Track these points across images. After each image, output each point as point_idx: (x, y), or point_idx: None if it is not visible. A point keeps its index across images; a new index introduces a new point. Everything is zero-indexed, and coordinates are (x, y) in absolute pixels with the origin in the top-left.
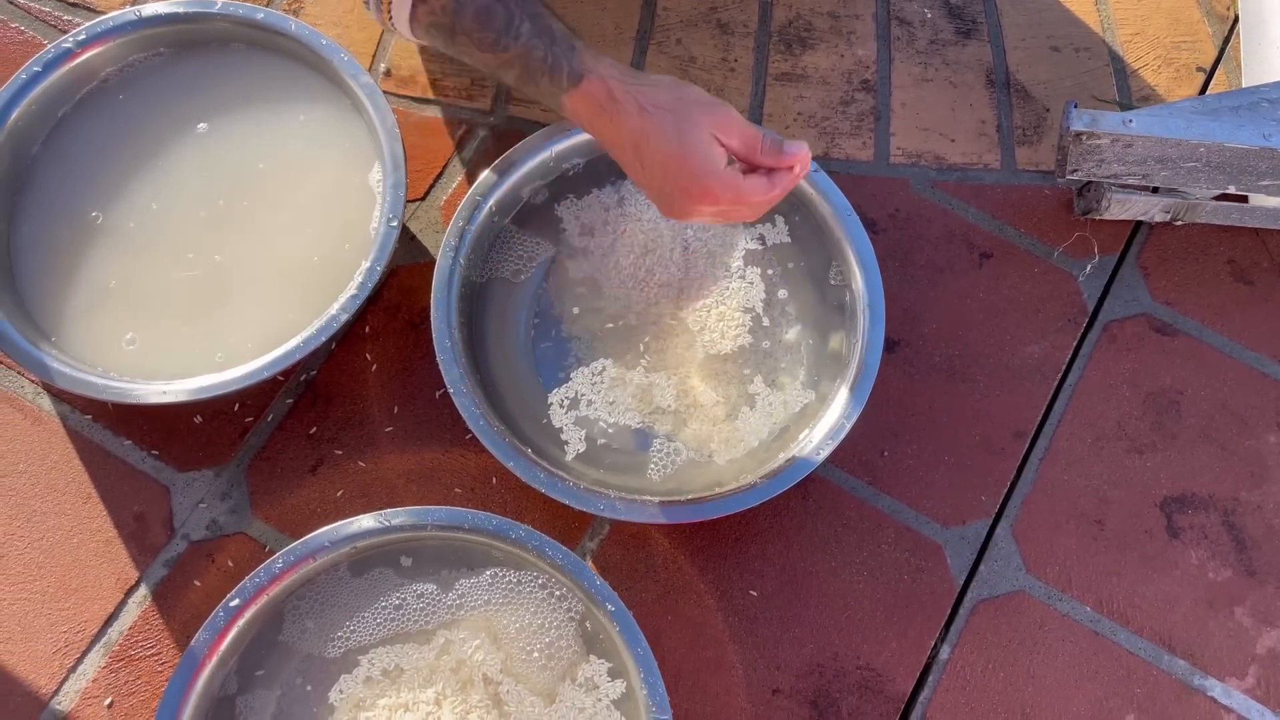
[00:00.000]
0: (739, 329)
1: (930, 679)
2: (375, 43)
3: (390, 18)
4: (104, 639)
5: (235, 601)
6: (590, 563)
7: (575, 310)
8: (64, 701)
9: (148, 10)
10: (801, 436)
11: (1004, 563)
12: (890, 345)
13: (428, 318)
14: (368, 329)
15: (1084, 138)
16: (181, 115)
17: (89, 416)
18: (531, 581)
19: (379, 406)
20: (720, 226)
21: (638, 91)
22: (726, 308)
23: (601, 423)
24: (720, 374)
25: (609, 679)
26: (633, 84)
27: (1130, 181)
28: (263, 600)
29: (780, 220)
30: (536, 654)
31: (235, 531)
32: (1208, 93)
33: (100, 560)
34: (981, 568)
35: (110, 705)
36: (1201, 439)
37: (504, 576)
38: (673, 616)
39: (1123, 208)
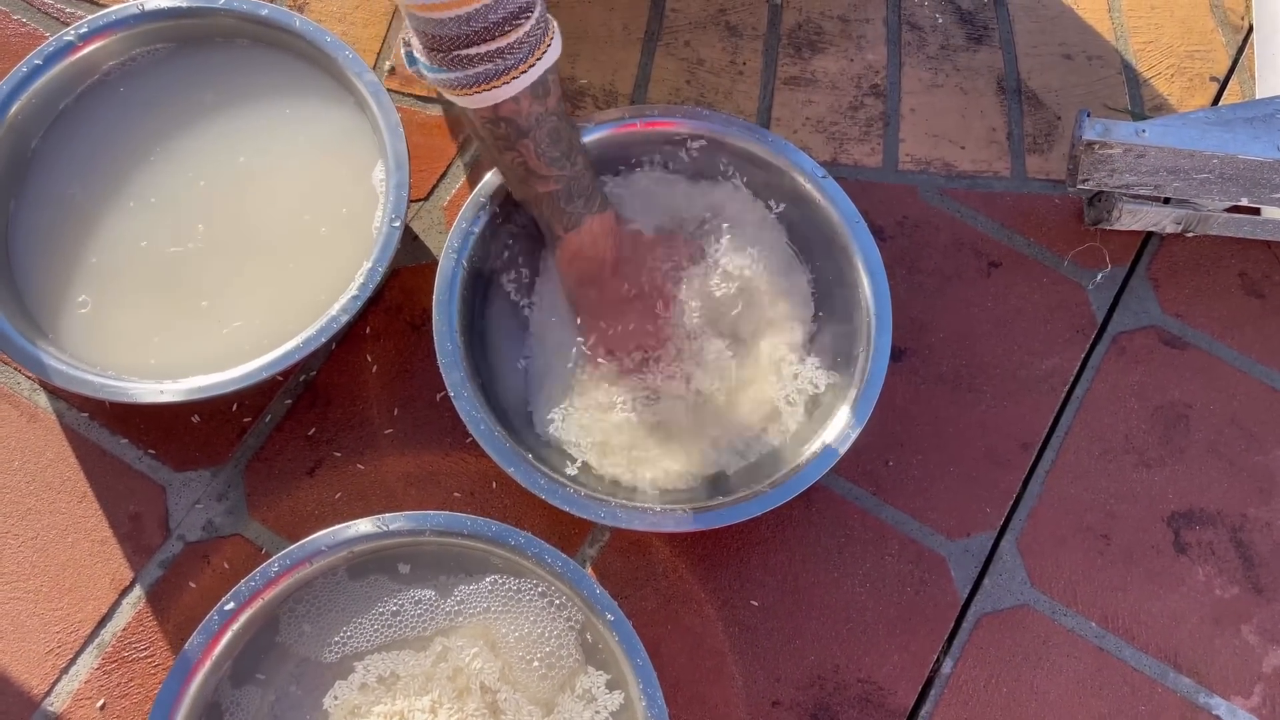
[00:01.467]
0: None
1: (932, 693)
2: (380, 40)
3: (476, 90)
4: (97, 640)
5: (230, 605)
6: (590, 570)
7: (578, 320)
8: (56, 702)
9: (151, 4)
10: (807, 445)
11: (1008, 576)
12: (897, 354)
13: (429, 319)
14: (368, 330)
15: (1096, 147)
16: (183, 111)
17: (85, 414)
18: (531, 589)
19: (379, 408)
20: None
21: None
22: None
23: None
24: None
25: (607, 690)
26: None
27: (1142, 192)
28: (258, 604)
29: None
30: (536, 663)
31: (231, 533)
32: (1221, 103)
33: (95, 560)
34: (985, 581)
35: (103, 707)
36: (1210, 454)
37: (503, 584)
38: (673, 626)
39: (1134, 218)
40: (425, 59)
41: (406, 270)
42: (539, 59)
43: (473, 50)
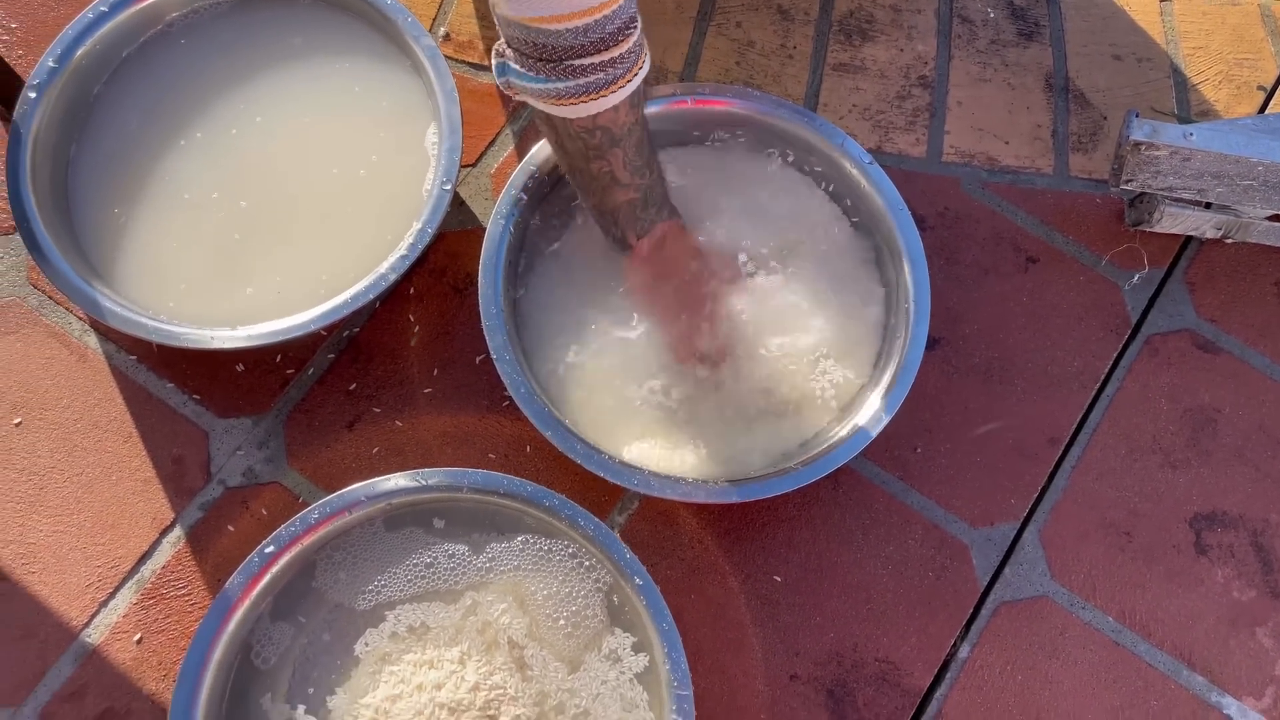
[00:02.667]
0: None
1: (948, 676)
2: (436, 6)
3: (583, 100)
4: (137, 576)
5: (270, 548)
6: (616, 534)
7: (620, 289)
8: (94, 634)
9: None
10: (839, 427)
11: (1029, 567)
12: (931, 343)
13: (472, 283)
14: (412, 290)
15: (1143, 148)
16: (242, 65)
17: (134, 357)
18: (562, 550)
19: (419, 367)
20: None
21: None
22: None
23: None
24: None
25: (633, 653)
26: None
27: (1184, 195)
28: (296, 549)
29: None
30: (563, 621)
31: (270, 480)
32: (1268, 112)
33: (138, 499)
34: (1006, 570)
35: (139, 641)
36: (1236, 458)
37: (535, 543)
38: (696, 595)
39: (1174, 221)
40: (530, 70)
41: (451, 234)
42: (640, 68)
43: (586, 60)
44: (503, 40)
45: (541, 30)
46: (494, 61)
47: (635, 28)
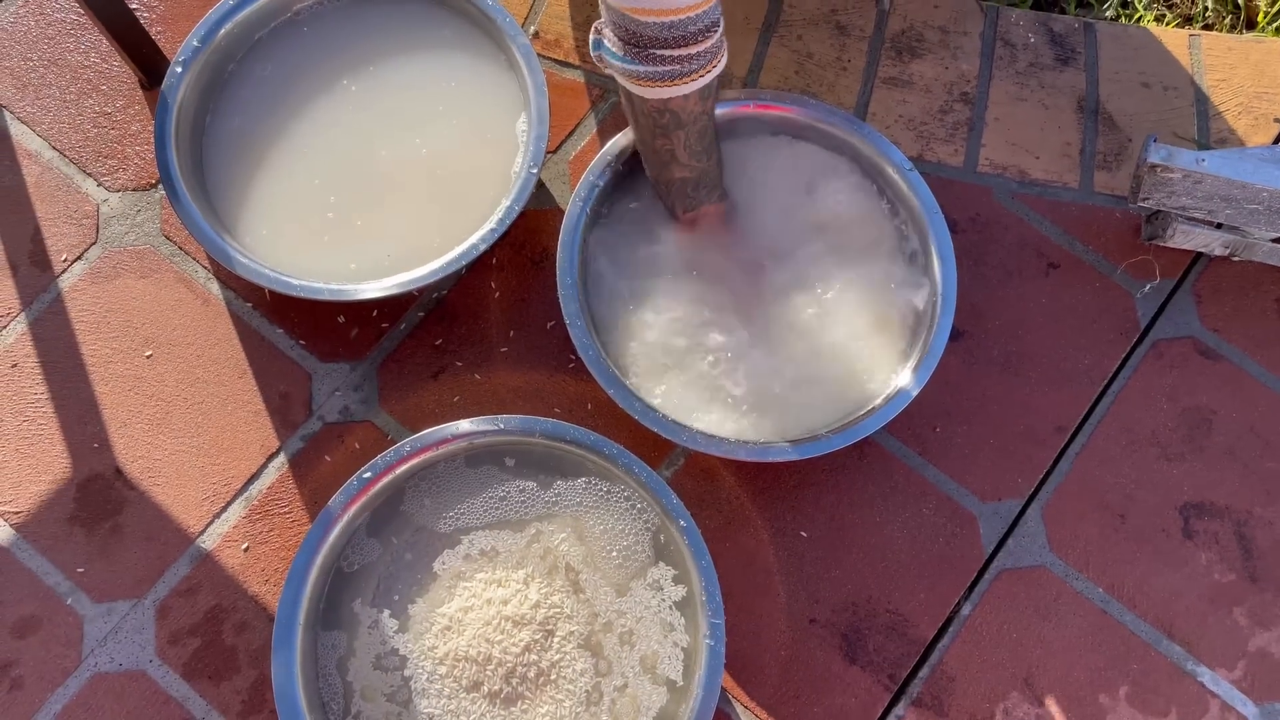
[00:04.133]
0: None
1: (950, 630)
2: (528, 7)
3: (659, 84)
4: (246, 494)
5: (368, 474)
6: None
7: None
8: (208, 541)
9: None
10: (866, 404)
11: (1030, 539)
12: (956, 334)
13: (549, 257)
14: (494, 261)
15: (1159, 170)
16: (359, 53)
17: (250, 304)
18: (619, 493)
19: (497, 329)
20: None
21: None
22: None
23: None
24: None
25: (673, 584)
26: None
27: (1196, 215)
28: (390, 477)
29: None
30: (615, 554)
31: (363, 419)
32: None
33: (249, 428)
34: (1009, 541)
35: (246, 550)
36: (1227, 456)
37: (596, 485)
38: (730, 544)
39: (1186, 238)
40: (618, 50)
41: (532, 212)
42: (714, 67)
43: (666, 52)
44: (603, 20)
45: (633, 19)
46: (591, 37)
47: (716, 32)
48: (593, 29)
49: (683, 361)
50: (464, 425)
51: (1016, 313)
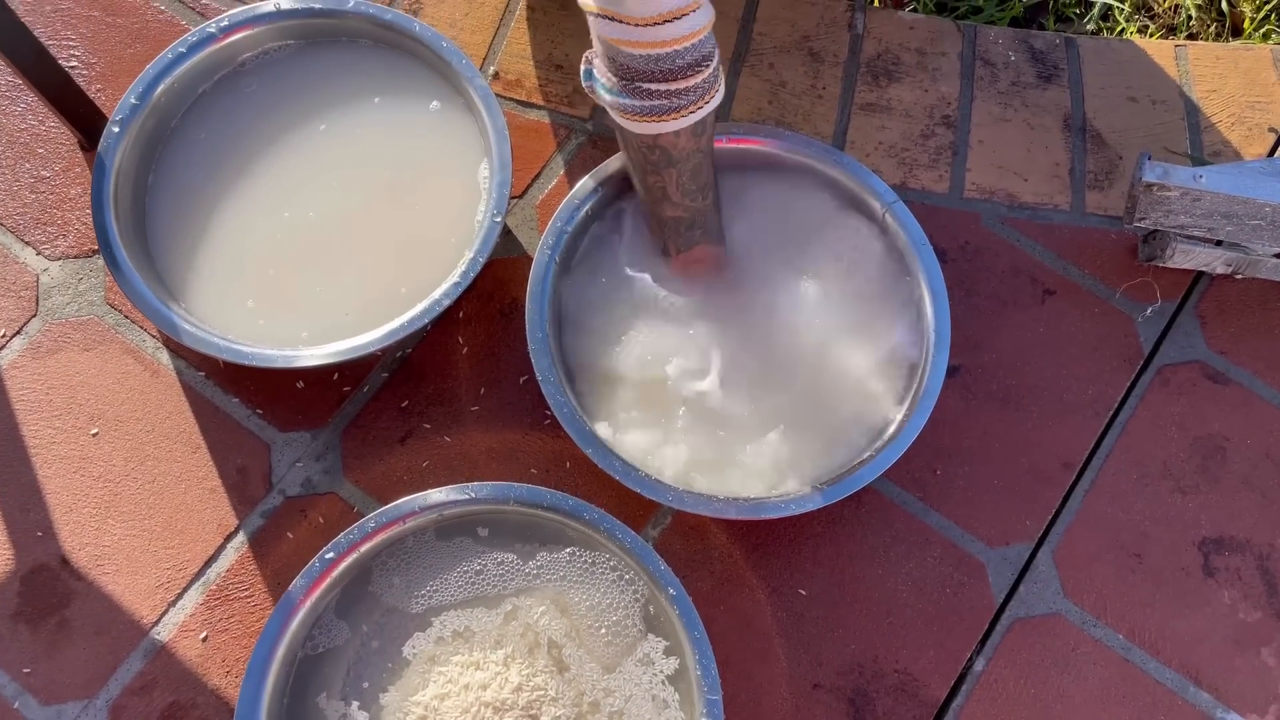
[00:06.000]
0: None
1: (964, 689)
2: (486, 46)
3: (645, 119)
4: (203, 578)
5: (330, 554)
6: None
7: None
8: (163, 632)
9: (286, 4)
10: (862, 449)
11: (1043, 585)
12: (951, 370)
13: (518, 307)
14: (461, 314)
15: (1155, 189)
16: (308, 102)
17: (202, 373)
18: (605, 563)
19: (467, 387)
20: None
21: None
22: None
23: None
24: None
25: (665, 656)
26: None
27: (1195, 233)
28: (354, 555)
29: None
30: (604, 630)
31: (327, 491)
32: (1278, 154)
33: (204, 506)
34: (1021, 588)
35: (205, 639)
36: (1243, 485)
37: (581, 556)
38: (725, 607)
39: (1186, 257)
40: (608, 81)
41: (499, 261)
42: (706, 103)
43: (654, 85)
44: (593, 49)
45: (621, 51)
46: (583, 66)
47: (707, 66)
48: (584, 58)
49: (664, 413)
50: (432, 496)
51: (1013, 344)
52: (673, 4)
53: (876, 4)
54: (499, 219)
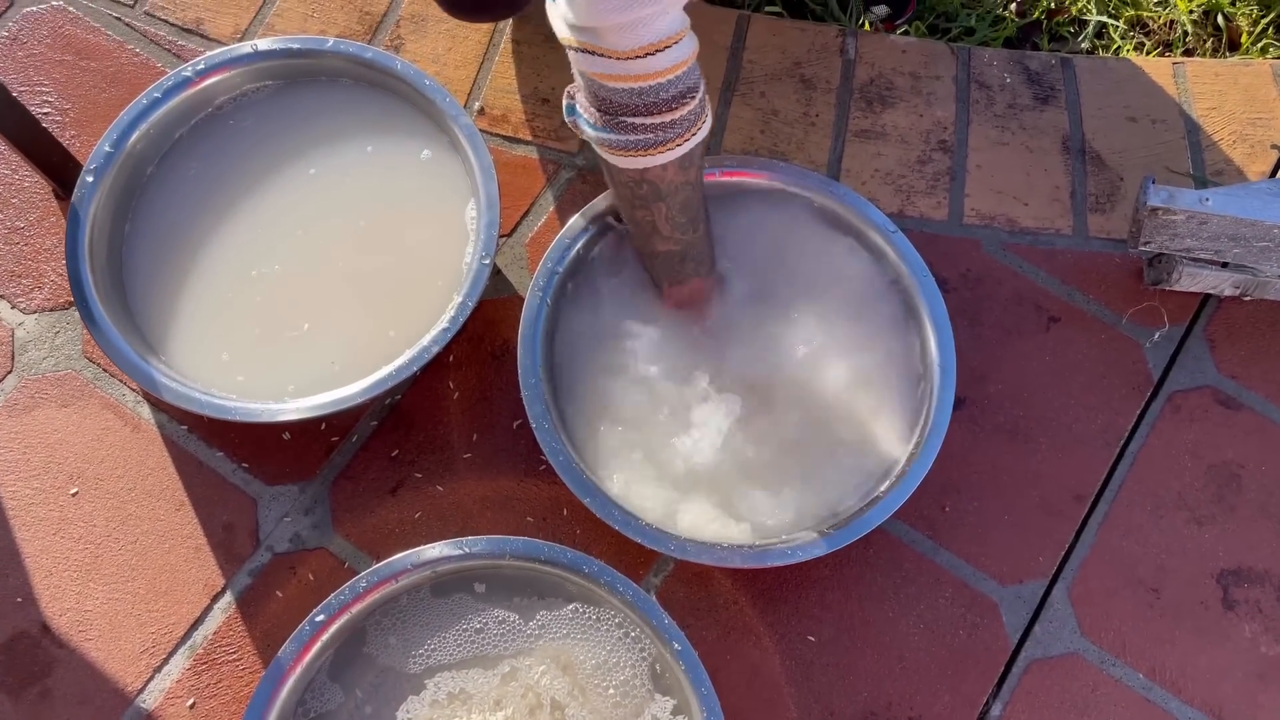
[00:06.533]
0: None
1: None
2: (471, 80)
3: (630, 154)
4: (189, 642)
5: (321, 616)
6: (654, 597)
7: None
8: (149, 700)
9: (264, 45)
10: (869, 489)
11: (1059, 624)
12: (956, 403)
13: (509, 349)
14: (451, 358)
15: (1160, 213)
16: (288, 144)
17: (185, 427)
18: (609, 619)
19: (459, 433)
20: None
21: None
22: None
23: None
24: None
25: (672, 715)
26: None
27: (1202, 256)
28: (346, 617)
29: None
30: (612, 690)
31: (317, 546)
32: None
33: (189, 566)
34: (1036, 628)
35: (192, 706)
36: (1261, 514)
37: (584, 612)
38: (732, 656)
39: (1193, 280)
40: (589, 116)
41: (488, 302)
42: (693, 135)
43: (638, 120)
44: (576, 84)
45: (602, 85)
46: (565, 101)
47: (693, 98)
48: (566, 93)
49: (664, 457)
50: (425, 553)
51: (1019, 373)
52: (655, 36)
53: (868, 28)
54: (487, 260)
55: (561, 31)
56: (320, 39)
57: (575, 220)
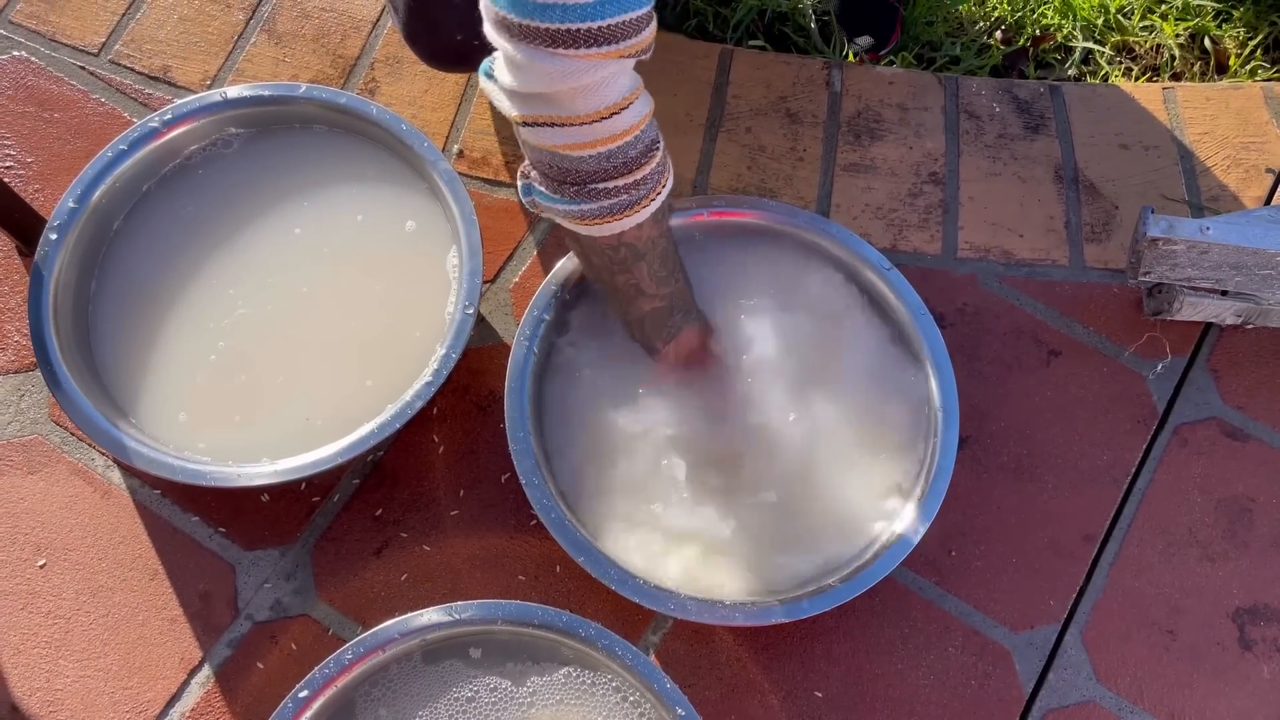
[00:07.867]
0: None
1: None
2: (449, 123)
3: (608, 220)
4: None
5: (304, 692)
6: (653, 657)
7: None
8: None
9: (233, 93)
10: (875, 538)
11: (1074, 671)
12: (960, 442)
13: (496, 400)
14: (435, 411)
15: (1160, 243)
16: (261, 195)
17: (157, 491)
18: (606, 684)
19: (445, 489)
20: None
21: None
22: None
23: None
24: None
25: None
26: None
27: (1203, 285)
28: (332, 690)
29: None
30: None
31: (299, 613)
32: (1278, 195)
33: (165, 639)
34: (1050, 675)
35: None
36: (1274, 548)
37: (578, 676)
38: (736, 716)
39: (1194, 310)
40: (554, 192)
41: (473, 351)
42: (664, 187)
43: (610, 184)
44: (528, 162)
45: (566, 156)
46: (519, 183)
47: (657, 150)
48: (519, 173)
49: (660, 511)
50: (414, 621)
51: (1021, 410)
52: (618, 95)
53: (852, 59)
54: (470, 310)
55: (508, 109)
56: (292, 85)
57: (563, 264)
